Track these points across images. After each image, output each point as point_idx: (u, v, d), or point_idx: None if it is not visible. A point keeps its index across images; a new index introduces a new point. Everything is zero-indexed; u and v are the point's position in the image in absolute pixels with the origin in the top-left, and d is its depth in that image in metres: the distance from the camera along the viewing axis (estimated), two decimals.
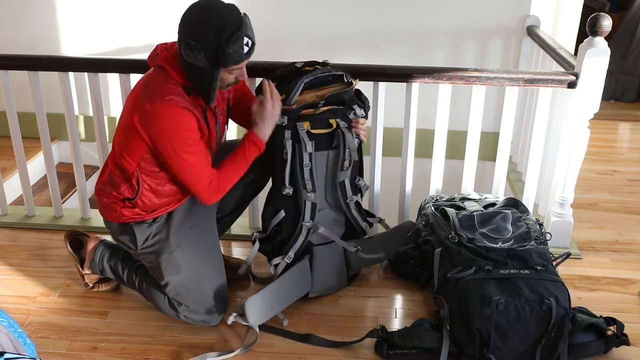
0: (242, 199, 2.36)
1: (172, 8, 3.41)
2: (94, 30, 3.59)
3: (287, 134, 2.09)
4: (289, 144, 2.09)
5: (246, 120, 2.24)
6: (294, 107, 2.08)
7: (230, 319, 2.01)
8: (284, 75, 2.19)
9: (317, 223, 2.17)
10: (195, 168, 1.93)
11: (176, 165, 1.92)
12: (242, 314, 1.99)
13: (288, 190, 2.13)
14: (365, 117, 2.20)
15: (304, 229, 2.16)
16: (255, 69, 2.31)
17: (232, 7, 1.82)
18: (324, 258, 2.22)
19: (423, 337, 1.96)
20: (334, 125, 2.13)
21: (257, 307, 2.03)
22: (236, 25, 1.78)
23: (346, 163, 2.15)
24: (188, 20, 1.80)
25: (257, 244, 2.20)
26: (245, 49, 1.82)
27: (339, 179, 2.18)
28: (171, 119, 1.85)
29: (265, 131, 2.02)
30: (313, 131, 2.12)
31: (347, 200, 2.22)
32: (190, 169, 1.93)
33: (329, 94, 2.12)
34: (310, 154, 2.11)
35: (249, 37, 1.82)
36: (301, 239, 2.16)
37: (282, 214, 2.16)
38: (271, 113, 2.02)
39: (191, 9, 1.81)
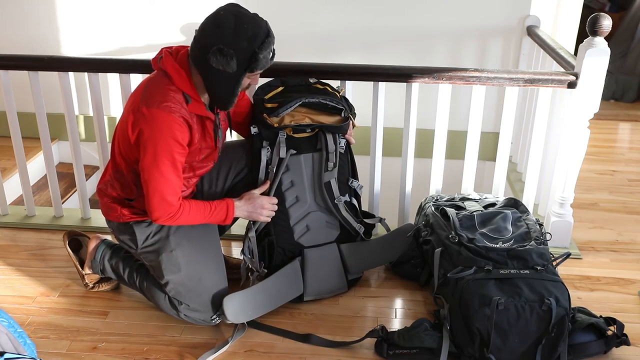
0: None
1: (172, 8, 3.43)
2: (94, 30, 3.59)
3: (265, 143, 2.13)
4: (264, 152, 2.13)
5: (246, 129, 2.24)
6: (275, 125, 2.11)
7: (214, 318, 2.04)
8: (292, 85, 2.20)
9: (292, 227, 2.18)
10: (168, 184, 1.88)
11: (150, 174, 1.87)
12: (223, 312, 2.01)
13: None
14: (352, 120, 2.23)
15: (250, 232, 2.16)
16: None
17: (257, 15, 1.85)
18: (317, 261, 2.22)
19: (423, 337, 1.96)
20: (309, 130, 2.16)
21: (237, 305, 2.03)
22: (265, 32, 1.82)
23: (330, 164, 2.17)
24: (221, 26, 1.79)
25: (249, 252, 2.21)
26: (271, 54, 1.86)
27: (324, 179, 2.19)
28: (164, 127, 1.83)
29: (240, 212, 2.06)
30: (296, 135, 2.15)
31: (335, 201, 2.21)
32: (162, 183, 1.87)
33: (322, 125, 2.15)
34: (281, 159, 2.13)
35: (273, 44, 1.86)
36: (246, 241, 2.18)
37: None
38: (258, 208, 2.07)
39: (222, 16, 1.81)
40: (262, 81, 2.48)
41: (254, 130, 2.13)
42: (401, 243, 2.34)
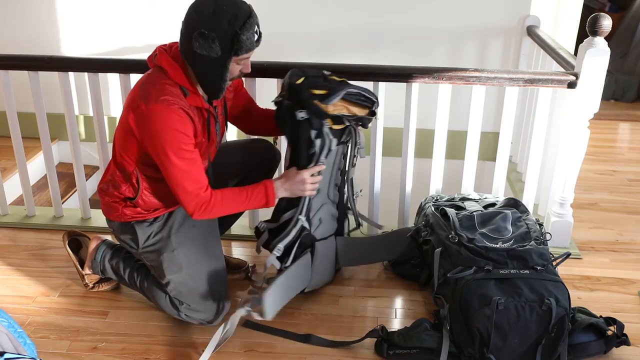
0: None
1: (172, 8, 3.43)
2: (94, 30, 3.59)
3: (314, 133, 2.04)
4: (318, 142, 2.05)
5: (244, 122, 2.24)
6: (329, 112, 2.03)
7: (242, 312, 1.98)
8: (312, 77, 2.12)
9: (310, 220, 2.14)
10: (186, 175, 1.88)
11: (166, 170, 1.87)
12: (257, 309, 1.95)
13: None
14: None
15: (299, 223, 2.11)
16: (255, 69, 2.30)
17: None
18: (323, 253, 2.22)
19: (423, 337, 1.96)
20: (347, 122, 2.11)
21: (272, 300, 2.00)
22: (247, 12, 1.80)
23: (355, 160, 2.17)
24: (200, 10, 1.79)
25: (265, 234, 2.14)
26: (256, 36, 1.83)
27: (350, 175, 2.20)
28: (165, 120, 1.83)
29: (282, 192, 2.03)
30: (333, 127, 2.08)
31: (355, 197, 2.23)
32: (180, 175, 1.87)
33: (360, 117, 2.11)
34: (330, 151, 2.08)
35: (258, 25, 1.84)
36: (294, 232, 2.11)
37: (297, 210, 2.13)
38: (300, 183, 2.02)
39: (201, 1, 1.81)
40: (263, 82, 2.49)
41: (301, 115, 2.02)
42: (396, 246, 2.36)
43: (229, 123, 2.21)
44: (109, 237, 2.32)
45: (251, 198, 1.98)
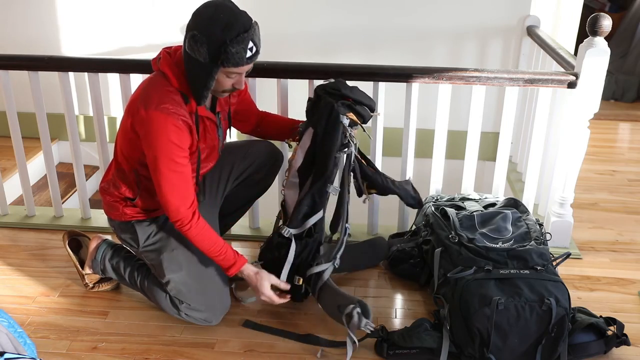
0: (246, 199, 2.38)
1: (172, 8, 3.43)
2: (94, 30, 3.59)
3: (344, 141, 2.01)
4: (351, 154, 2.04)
5: (244, 125, 2.24)
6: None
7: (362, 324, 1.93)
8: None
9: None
10: (172, 188, 1.87)
11: (155, 177, 1.88)
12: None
13: (334, 189, 2.06)
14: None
15: (347, 231, 2.12)
16: (255, 69, 2.30)
17: (245, 12, 1.81)
18: None
19: (423, 337, 1.96)
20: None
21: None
22: (245, 27, 1.77)
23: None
24: (199, 13, 1.79)
25: (293, 245, 2.08)
26: (249, 53, 1.78)
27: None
28: (162, 129, 1.82)
29: (244, 277, 2.01)
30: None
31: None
32: (166, 186, 1.86)
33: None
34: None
35: (255, 44, 1.79)
36: (345, 241, 2.11)
37: (321, 214, 2.10)
38: (260, 295, 2.03)
39: (205, 4, 1.81)
40: (263, 81, 2.48)
41: (346, 121, 2.01)
42: (372, 255, 2.40)
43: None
44: (109, 237, 2.32)
45: (221, 256, 1.96)
